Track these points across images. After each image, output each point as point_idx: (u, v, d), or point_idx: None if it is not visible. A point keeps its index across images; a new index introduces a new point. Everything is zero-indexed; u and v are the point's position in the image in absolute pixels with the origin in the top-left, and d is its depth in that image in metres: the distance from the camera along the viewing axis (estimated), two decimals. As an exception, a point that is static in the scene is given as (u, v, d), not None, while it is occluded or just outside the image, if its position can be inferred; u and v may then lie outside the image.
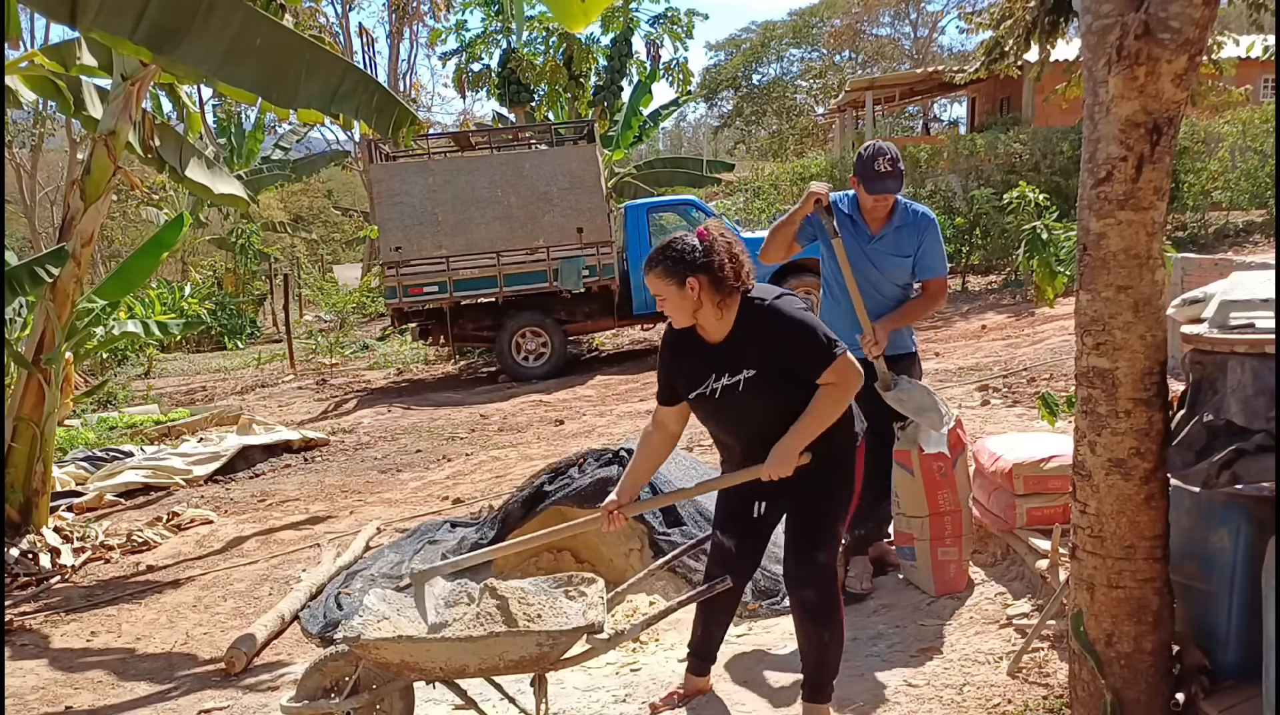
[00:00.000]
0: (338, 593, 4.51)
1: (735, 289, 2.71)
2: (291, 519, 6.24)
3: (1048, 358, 8.03)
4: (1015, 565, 3.82)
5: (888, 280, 3.73)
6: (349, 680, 2.78)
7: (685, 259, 2.68)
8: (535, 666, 2.72)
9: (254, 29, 4.43)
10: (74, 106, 5.95)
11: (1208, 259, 7.31)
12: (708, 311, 2.72)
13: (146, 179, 18.04)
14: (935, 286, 3.79)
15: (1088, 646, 2.42)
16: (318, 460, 8.02)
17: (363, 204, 26.73)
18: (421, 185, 11.12)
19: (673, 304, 2.73)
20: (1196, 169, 14.35)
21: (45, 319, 5.66)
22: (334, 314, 16.69)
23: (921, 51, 38.37)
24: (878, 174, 3.56)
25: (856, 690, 3.10)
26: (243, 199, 6.65)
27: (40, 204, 25.78)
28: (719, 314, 2.72)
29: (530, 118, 18.56)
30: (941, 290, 3.84)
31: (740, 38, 38.71)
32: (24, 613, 4.86)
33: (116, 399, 11.64)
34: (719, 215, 12.13)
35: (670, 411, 2.95)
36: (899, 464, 3.75)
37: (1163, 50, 2.14)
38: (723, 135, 41.67)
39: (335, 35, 24.04)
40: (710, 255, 2.68)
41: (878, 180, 3.56)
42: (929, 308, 3.85)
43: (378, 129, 5.05)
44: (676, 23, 18.68)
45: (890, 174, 3.57)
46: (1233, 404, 2.21)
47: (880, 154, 3.58)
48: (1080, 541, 2.44)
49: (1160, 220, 2.30)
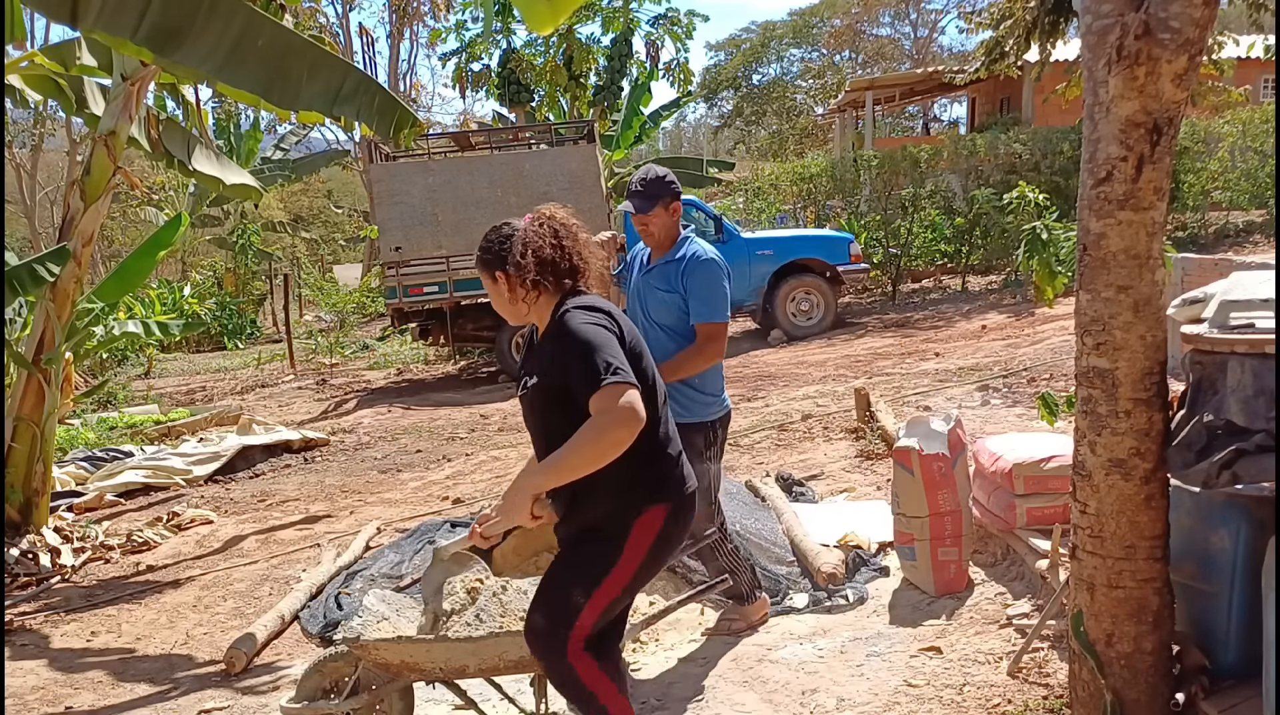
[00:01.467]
0: (338, 593, 4.52)
1: (542, 286, 2.39)
2: (291, 519, 6.24)
3: (1048, 358, 8.03)
4: (1015, 565, 3.82)
5: (655, 322, 3.38)
6: (349, 681, 2.78)
7: (491, 250, 2.43)
8: (535, 667, 2.72)
9: (255, 30, 4.43)
10: (76, 105, 5.96)
11: (1208, 259, 7.31)
12: (522, 308, 2.43)
13: (146, 179, 18.05)
14: (701, 333, 3.31)
15: (1088, 646, 2.42)
16: (318, 460, 8.02)
17: (363, 204, 26.73)
18: (421, 185, 11.12)
19: (492, 296, 2.48)
20: (1196, 169, 14.35)
21: (45, 319, 5.66)
22: (334, 314, 16.67)
23: (921, 51, 38.36)
24: (630, 193, 3.35)
25: (856, 690, 3.10)
26: (255, 189, 6.65)
27: (40, 204, 25.79)
28: (526, 311, 2.43)
29: (530, 118, 18.56)
30: (709, 339, 3.30)
31: (740, 38, 38.70)
32: (24, 613, 4.86)
33: (116, 399, 11.63)
34: (719, 215, 12.13)
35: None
36: (899, 464, 3.76)
37: (1163, 50, 2.14)
38: (723, 135, 41.66)
39: (335, 35, 24.06)
40: (511, 247, 2.38)
41: (628, 198, 3.36)
42: (693, 360, 3.30)
43: (379, 131, 5.06)
44: (677, 23, 18.67)
45: (639, 193, 3.32)
46: (1233, 404, 2.21)
47: (638, 175, 3.37)
48: (1080, 541, 2.44)
49: (1160, 220, 2.30)
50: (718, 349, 3.32)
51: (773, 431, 6.90)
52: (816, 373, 9.19)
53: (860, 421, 6.41)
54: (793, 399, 7.99)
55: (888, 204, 14.92)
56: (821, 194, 16.57)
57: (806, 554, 4.13)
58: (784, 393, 8.36)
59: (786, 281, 11.61)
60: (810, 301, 11.72)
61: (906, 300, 14.07)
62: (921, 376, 8.12)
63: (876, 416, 6.23)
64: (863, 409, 6.45)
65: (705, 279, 3.31)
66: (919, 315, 12.34)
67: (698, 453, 3.32)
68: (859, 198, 15.57)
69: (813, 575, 4.00)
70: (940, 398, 7.09)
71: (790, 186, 17.22)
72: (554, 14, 2.56)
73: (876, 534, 4.34)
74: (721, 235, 11.63)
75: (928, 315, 12.26)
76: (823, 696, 3.09)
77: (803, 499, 5.17)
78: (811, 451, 6.28)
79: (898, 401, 7.08)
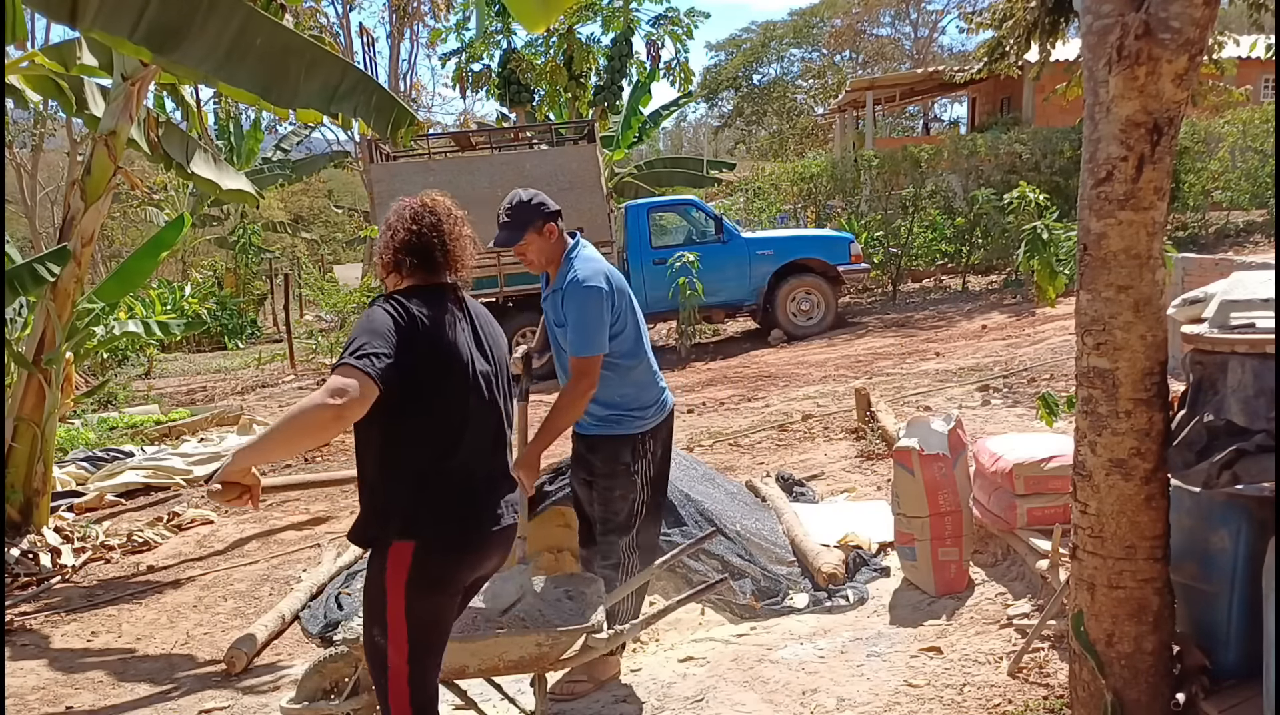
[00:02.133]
0: (338, 593, 4.52)
1: (396, 273, 2.29)
2: (292, 519, 6.24)
3: (1048, 358, 8.03)
4: (1015, 565, 3.82)
5: (565, 353, 3.23)
6: (349, 681, 2.78)
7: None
8: (535, 666, 2.72)
9: (254, 29, 4.43)
10: (76, 105, 5.96)
11: (1208, 259, 7.30)
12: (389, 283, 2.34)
13: (147, 179, 18.04)
14: (573, 367, 3.14)
15: (1088, 646, 2.42)
16: (318, 460, 8.02)
17: (363, 204, 26.72)
18: (422, 185, 10.86)
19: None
20: (1197, 169, 14.34)
21: (46, 319, 5.66)
22: (334, 314, 16.66)
23: (922, 51, 38.35)
24: (499, 224, 3.16)
25: (856, 690, 3.10)
26: (251, 194, 6.64)
27: (40, 204, 25.78)
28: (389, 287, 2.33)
29: (531, 118, 18.56)
30: (580, 374, 3.11)
31: (741, 38, 38.69)
32: (24, 613, 4.86)
33: (117, 399, 11.63)
34: (720, 215, 12.13)
35: None
36: (899, 464, 3.76)
37: (1163, 50, 2.14)
38: (723, 135, 41.65)
39: (335, 35, 24.05)
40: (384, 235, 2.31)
41: (499, 230, 3.16)
42: (566, 401, 3.12)
43: (377, 129, 5.05)
44: (677, 23, 18.65)
45: (505, 224, 3.14)
46: (1233, 404, 2.21)
47: (505, 203, 3.17)
48: (1081, 541, 2.44)
49: (1160, 220, 2.30)
50: (590, 383, 3.11)
51: (773, 431, 6.90)
52: (817, 373, 9.18)
53: (860, 421, 6.41)
54: (793, 399, 7.99)
55: (888, 204, 14.92)
56: (822, 194, 16.57)
57: (807, 554, 4.13)
58: (784, 393, 8.35)
59: (787, 281, 11.60)
60: (810, 301, 11.72)
61: (907, 300, 14.07)
62: (922, 376, 8.12)
63: (877, 416, 6.23)
64: (863, 409, 6.44)
65: (576, 307, 3.11)
66: (919, 315, 12.34)
67: (624, 466, 3.25)
68: (859, 198, 15.57)
69: (813, 575, 4.00)
70: (940, 398, 7.09)
71: (790, 186, 17.22)
72: (546, 13, 2.55)
73: (877, 534, 4.33)
74: (722, 235, 11.64)
75: (928, 315, 12.25)
76: (823, 696, 3.09)
77: (803, 499, 5.17)
78: (812, 451, 6.28)
79: (898, 401, 7.08)
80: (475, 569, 2.28)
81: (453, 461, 2.20)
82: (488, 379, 2.29)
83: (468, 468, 2.23)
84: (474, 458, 2.25)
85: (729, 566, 3.95)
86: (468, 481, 2.23)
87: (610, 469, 3.26)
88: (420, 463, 2.17)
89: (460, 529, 2.20)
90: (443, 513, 2.18)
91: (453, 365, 2.20)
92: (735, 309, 12.00)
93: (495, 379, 2.32)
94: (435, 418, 2.16)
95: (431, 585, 2.18)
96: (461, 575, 2.24)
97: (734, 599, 3.87)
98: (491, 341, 2.37)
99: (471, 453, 2.23)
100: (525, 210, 3.16)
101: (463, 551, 2.21)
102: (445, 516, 2.18)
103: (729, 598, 3.87)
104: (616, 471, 3.26)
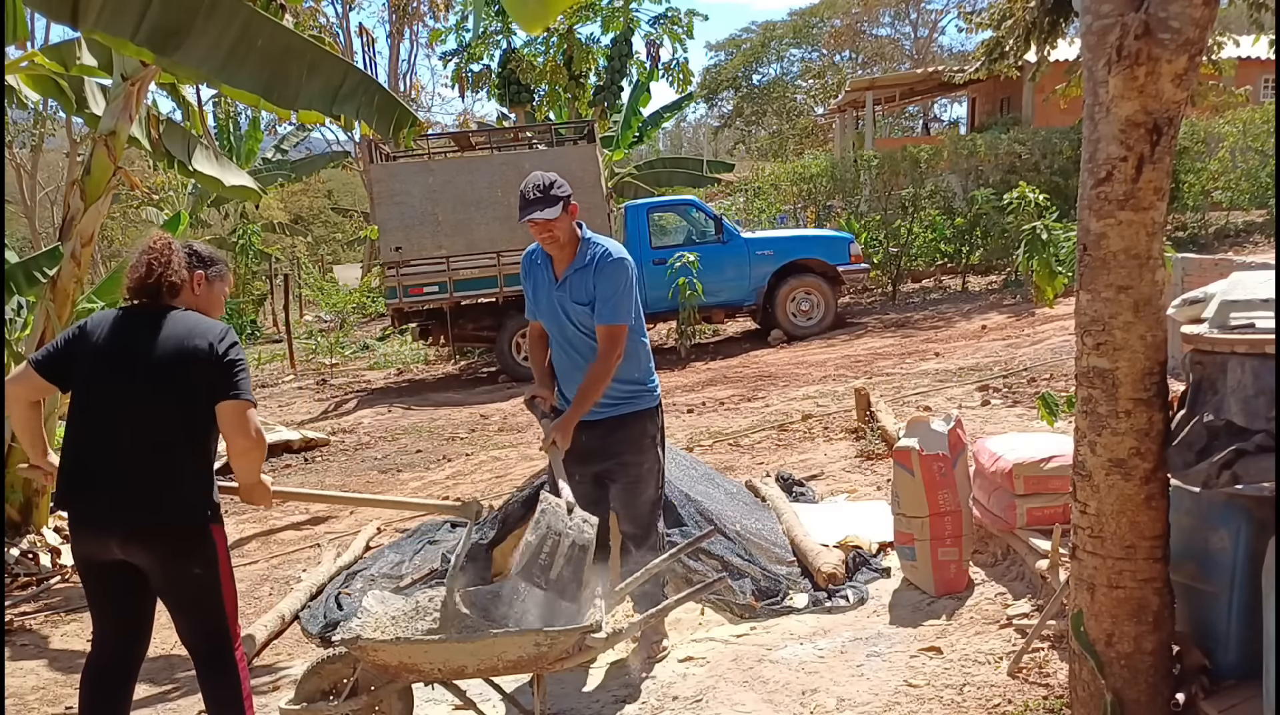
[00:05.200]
0: (338, 593, 4.52)
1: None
2: (292, 519, 6.24)
3: (1048, 358, 8.03)
4: (1015, 565, 3.82)
5: (584, 332, 3.31)
6: (348, 682, 2.78)
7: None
8: (533, 667, 2.72)
9: (255, 30, 4.44)
10: (76, 105, 5.96)
11: (1208, 259, 7.30)
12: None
13: (146, 179, 18.04)
14: (601, 334, 3.24)
15: (1088, 647, 2.42)
16: (318, 460, 8.02)
17: (363, 204, 26.72)
18: (422, 185, 11.12)
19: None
20: (1196, 169, 14.34)
21: (45, 319, 5.65)
22: (334, 314, 16.69)
23: (921, 51, 38.36)
24: (526, 201, 3.23)
25: (857, 690, 3.10)
26: (254, 190, 6.65)
27: (40, 204, 25.78)
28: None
29: (530, 118, 18.55)
30: (609, 341, 3.22)
31: (740, 38, 38.71)
32: (24, 613, 4.86)
33: (117, 399, 11.61)
34: (719, 215, 12.14)
35: None
36: (899, 464, 3.76)
37: (1163, 50, 2.14)
38: (723, 135, 41.68)
39: (335, 36, 24.03)
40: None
41: (525, 207, 3.23)
42: (597, 372, 3.23)
43: (378, 130, 5.06)
44: (677, 23, 18.65)
45: (541, 199, 3.21)
46: (1233, 404, 2.21)
47: (533, 182, 3.27)
48: (1080, 541, 2.44)
49: (1160, 220, 2.30)
50: (621, 352, 3.24)
51: (773, 431, 6.90)
52: (816, 373, 9.18)
53: (860, 421, 6.41)
54: (793, 399, 7.99)
55: (888, 204, 14.92)
56: (822, 194, 16.57)
57: (807, 554, 4.13)
58: (784, 393, 8.35)
59: (787, 281, 11.61)
60: (810, 301, 11.73)
61: (906, 300, 14.07)
62: (921, 376, 8.12)
63: (876, 416, 6.23)
64: (863, 409, 6.44)
65: (609, 278, 3.26)
66: (919, 315, 12.34)
67: (650, 439, 3.37)
68: (859, 198, 15.58)
69: (813, 575, 4.00)
70: (940, 398, 7.09)
71: (790, 186, 17.23)
72: (544, 13, 2.55)
73: (877, 534, 4.33)
74: (721, 235, 11.64)
75: (928, 315, 12.25)
76: (823, 696, 3.09)
77: (803, 499, 5.17)
78: (811, 451, 6.28)
79: (898, 401, 7.08)
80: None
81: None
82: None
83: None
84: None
85: (729, 566, 3.95)
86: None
87: (639, 445, 3.36)
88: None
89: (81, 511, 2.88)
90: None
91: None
92: (735, 309, 12.00)
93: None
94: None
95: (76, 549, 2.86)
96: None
97: (734, 599, 3.87)
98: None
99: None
100: (557, 187, 3.29)
101: (87, 525, 2.88)
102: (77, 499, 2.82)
103: (729, 598, 3.87)
104: (644, 446, 3.37)
